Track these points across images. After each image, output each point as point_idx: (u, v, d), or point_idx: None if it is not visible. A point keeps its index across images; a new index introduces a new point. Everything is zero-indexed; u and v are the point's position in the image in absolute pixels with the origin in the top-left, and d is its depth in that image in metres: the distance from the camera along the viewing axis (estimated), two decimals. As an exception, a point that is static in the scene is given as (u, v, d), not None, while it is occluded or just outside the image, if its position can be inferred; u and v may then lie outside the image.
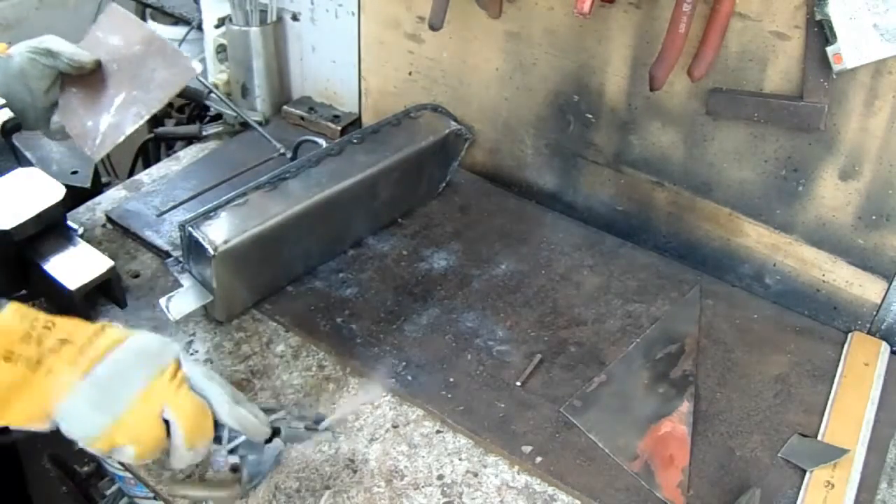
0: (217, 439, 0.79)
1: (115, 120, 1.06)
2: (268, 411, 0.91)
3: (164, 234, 1.22)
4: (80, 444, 0.73)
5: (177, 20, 1.76)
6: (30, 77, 1.04)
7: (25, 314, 0.72)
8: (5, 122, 1.11)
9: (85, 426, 0.72)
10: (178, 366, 0.75)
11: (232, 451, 0.88)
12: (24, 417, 0.72)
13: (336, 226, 1.19)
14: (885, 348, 1.10)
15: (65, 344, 0.72)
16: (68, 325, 0.73)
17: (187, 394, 0.75)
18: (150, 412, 0.73)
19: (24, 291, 1.07)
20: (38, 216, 1.05)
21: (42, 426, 0.72)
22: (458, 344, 1.07)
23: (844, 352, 1.09)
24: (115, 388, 0.72)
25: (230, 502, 0.87)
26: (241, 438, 0.86)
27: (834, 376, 1.05)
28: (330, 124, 1.52)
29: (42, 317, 0.72)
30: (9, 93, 1.04)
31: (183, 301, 1.04)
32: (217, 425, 0.78)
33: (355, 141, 1.22)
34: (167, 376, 0.74)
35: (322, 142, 1.25)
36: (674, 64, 1.06)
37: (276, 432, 0.90)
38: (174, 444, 0.74)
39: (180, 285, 1.05)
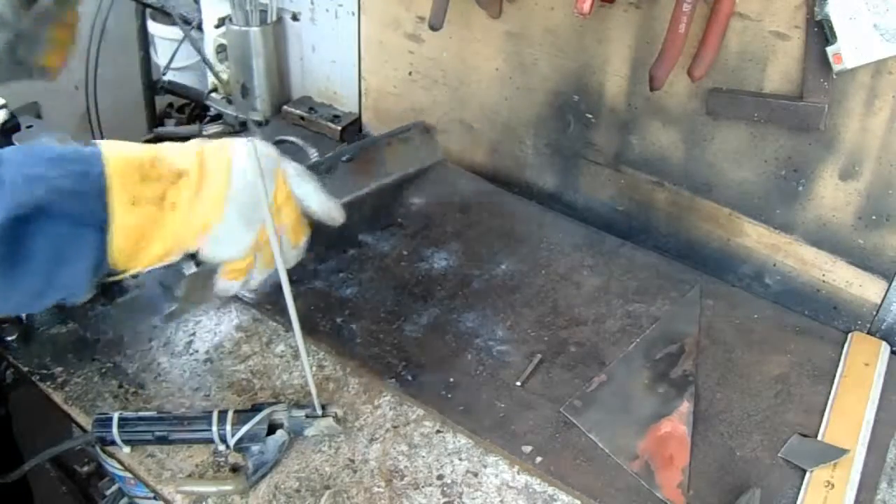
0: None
1: None
2: (266, 405, 0.92)
3: (164, 234, 1.22)
4: (225, 259, 0.78)
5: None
6: None
7: (128, 154, 0.72)
8: (5, 122, 1.11)
9: (237, 242, 0.76)
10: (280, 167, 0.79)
11: (237, 446, 0.89)
12: (159, 256, 0.74)
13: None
14: (885, 348, 1.10)
15: (180, 175, 0.73)
16: (170, 154, 0.74)
17: (291, 198, 0.79)
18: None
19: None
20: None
21: (172, 260, 0.76)
22: (458, 344, 1.07)
23: (844, 352, 1.09)
24: (249, 203, 0.75)
25: (235, 496, 0.87)
26: (243, 431, 0.87)
27: (834, 376, 1.05)
28: (330, 124, 1.52)
29: (143, 152, 0.73)
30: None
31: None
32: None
33: (345, 159, 1.21)
34: (281, 181, 0.77)
35: (299, 141, 1.23)
36: (674, 64, 1.06)
37: (278, 425, 0.91)
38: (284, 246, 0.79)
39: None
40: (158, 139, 1.61)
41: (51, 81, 1.11)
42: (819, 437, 0.96)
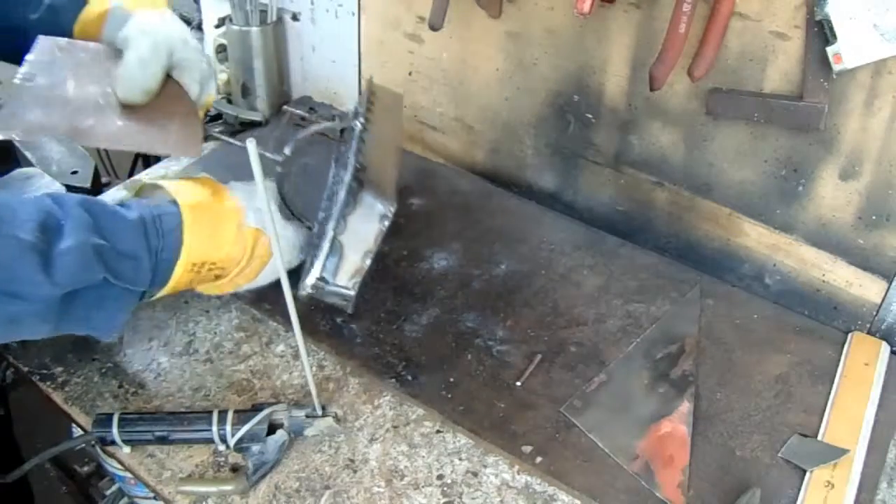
0: None
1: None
2: (266, 405, 0.92)
3: (165, 234, 1.22)
4: None
5: (176, 20, 1.76)
6: None
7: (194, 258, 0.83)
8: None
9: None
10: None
11: (237, 446, 0.89)
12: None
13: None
14: (885, 348, 1.10)
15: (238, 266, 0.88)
16: (228, 254, 0.86)
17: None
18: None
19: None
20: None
21: None
22: (458, 344, 1.07)
23: (844, 352, 1.09)
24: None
25: (235, 496, 0.87)
26: (243, 431, 0.87)
27: (834, 376, 1.05)
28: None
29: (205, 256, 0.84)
30: None
31: None
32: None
33: None
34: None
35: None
36: (674, 64, 1.05)
37: (278, 425, 0.91)
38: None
39: None
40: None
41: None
42: (819, 437, 0.97)
